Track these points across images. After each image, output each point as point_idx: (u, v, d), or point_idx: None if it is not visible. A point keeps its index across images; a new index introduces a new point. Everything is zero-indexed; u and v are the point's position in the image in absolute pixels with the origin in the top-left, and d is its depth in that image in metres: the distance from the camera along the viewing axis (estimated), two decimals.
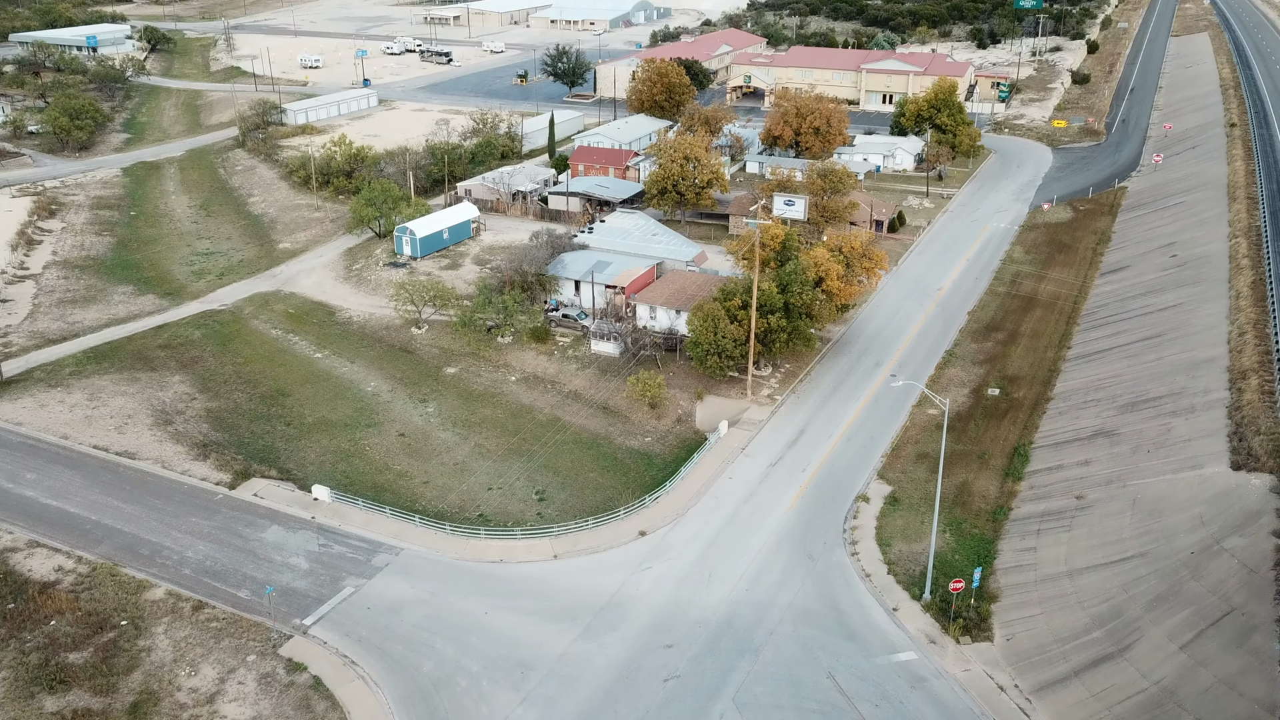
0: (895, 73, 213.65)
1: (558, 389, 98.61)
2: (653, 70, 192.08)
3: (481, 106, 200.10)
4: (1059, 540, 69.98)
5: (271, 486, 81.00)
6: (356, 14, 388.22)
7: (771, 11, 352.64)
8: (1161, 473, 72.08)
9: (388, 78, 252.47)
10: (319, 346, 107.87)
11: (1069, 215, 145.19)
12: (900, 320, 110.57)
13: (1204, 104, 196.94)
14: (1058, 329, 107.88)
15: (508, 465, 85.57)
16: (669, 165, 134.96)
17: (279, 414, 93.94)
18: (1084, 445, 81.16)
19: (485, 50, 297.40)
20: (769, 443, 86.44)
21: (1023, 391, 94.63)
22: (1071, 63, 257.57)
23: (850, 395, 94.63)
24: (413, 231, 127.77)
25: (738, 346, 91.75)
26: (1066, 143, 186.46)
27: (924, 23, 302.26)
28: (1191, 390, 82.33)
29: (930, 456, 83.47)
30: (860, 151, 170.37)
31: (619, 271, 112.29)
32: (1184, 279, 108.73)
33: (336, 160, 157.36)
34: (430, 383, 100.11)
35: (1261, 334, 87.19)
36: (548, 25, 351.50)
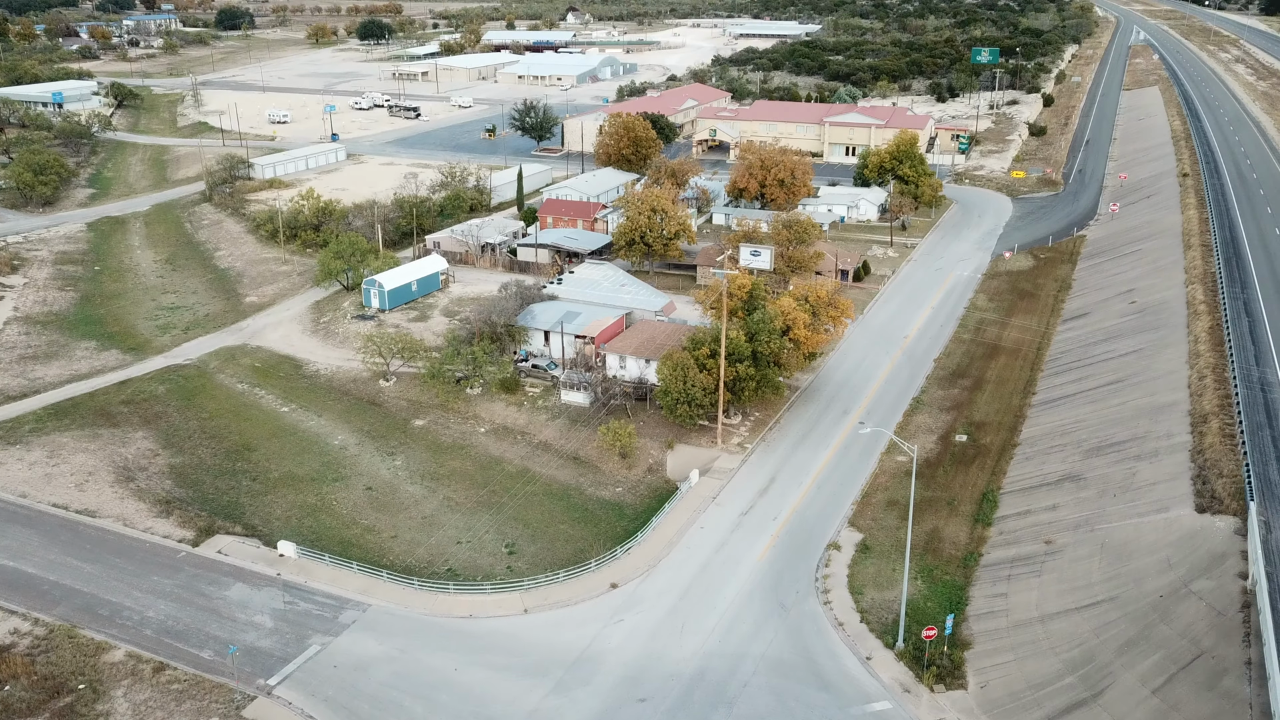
0: (857, 125, 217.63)
1: (528, 440, 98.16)
2: (619, 124, 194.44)
3: (450, 160, 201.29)
4: (1030, 585, 70.17)
5: (236, 543, 79.61)
6: (325, 70, 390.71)
7: (736, 67, 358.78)
8: (1128, 516, 72.69)
9: (356, 132, 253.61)
10: (286, 400, 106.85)
11: (1030, 263, 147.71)
12: (867, 368, 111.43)
13: (1157, 155, 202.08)
14: (1022, 375, 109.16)
15: (477, 518, 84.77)
16: (636, 217, 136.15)
17: (244, 469, 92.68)
18: (1051, 490, 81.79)
19: (453, 105, 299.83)
20: (740, 491, 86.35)
21: (990, 437, 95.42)
22: (1028, 116, 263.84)
23: (820, 442, 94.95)
24: (381, 284, 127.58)
25: (707, 395, 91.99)
26: (1026, 193, 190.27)
27: (884, 77, 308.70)
28: (1155, 434, 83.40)
29: (900, 503, 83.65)
30: (824, 202, 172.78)
31: (588, 322, 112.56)
32: (1143, 325, 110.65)
33: (304, 214, 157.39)
34: (398, 435, 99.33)
35: (1220, 378, 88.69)
36: (515, 81, 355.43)
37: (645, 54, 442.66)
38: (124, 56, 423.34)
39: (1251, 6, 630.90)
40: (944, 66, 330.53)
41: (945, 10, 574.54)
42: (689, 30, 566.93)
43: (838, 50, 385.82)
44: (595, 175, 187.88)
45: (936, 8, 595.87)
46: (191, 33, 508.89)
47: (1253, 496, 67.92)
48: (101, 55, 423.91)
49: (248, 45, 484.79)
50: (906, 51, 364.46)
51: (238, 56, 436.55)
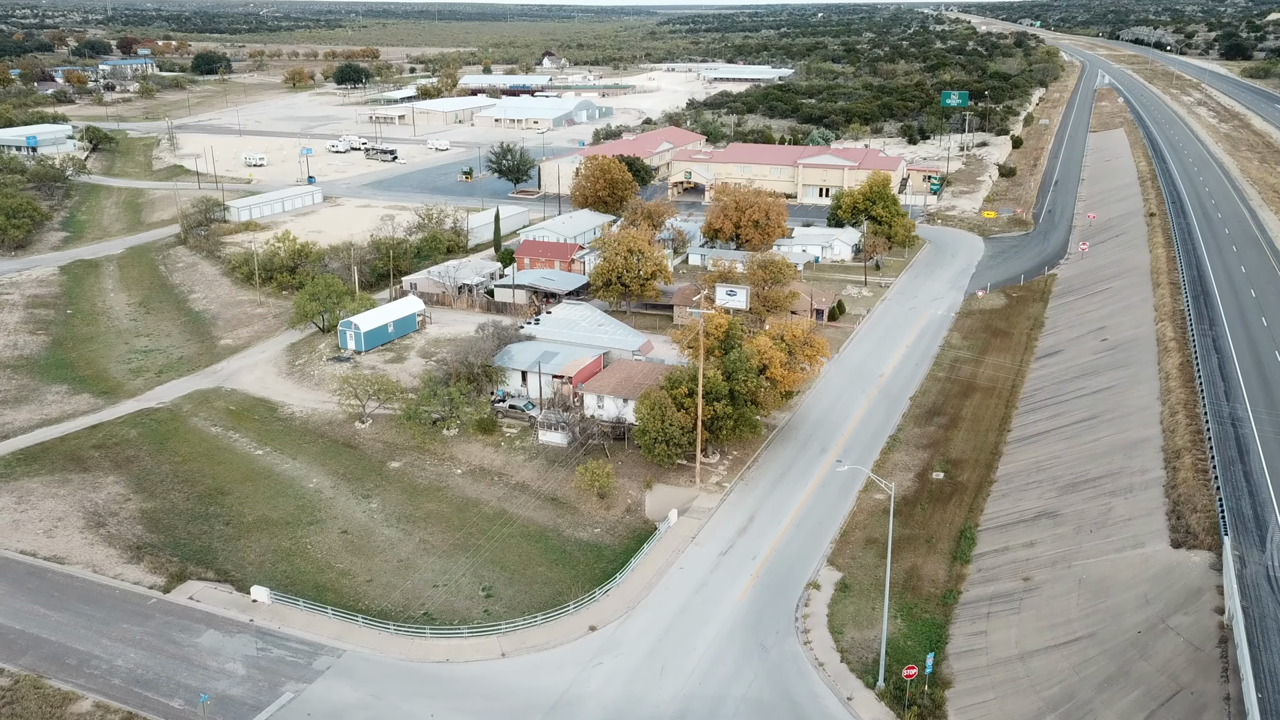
0: (831, 167, 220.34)
1: (505, 481, 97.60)
2: (596, 167, 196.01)
3: (427, 202, 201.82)
4: (1009, 623, 70.10)
5: (208, 589, 78.39)
6: (302, 113, 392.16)
7: (710, 110, 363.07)
8: (1105, 552, 72.97)
9: (333, 175, 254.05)
10: (260, 443, 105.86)
11: (1003, 302, 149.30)
12: (844, 406, 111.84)
13: (1124, 195, 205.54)
14: (997, 412, 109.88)
15: (454, 561, 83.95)
16: (613, 258, 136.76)
17: (217, 513, 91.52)
18: (1028, 526, 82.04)
19: (430, 148, 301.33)
20: (719, 530, 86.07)
21: (966, 475, 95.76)
22: (998, 157, 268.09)
23: (798, 481, 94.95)
24: (357, 326, 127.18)
25: (685, 434, 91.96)
26: (997, 232, 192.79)
27: (857, 120, 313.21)
28: (1129, 470, 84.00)
29: (879, 541, 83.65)
30: (799, 243, 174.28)
31: (566, 361, 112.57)
32: (1115, 362, 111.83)
33: (280, 256, 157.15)
34: (374, 478, 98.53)
35: (1192, 414, 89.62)
36: (492, 124, 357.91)
37: (621, 98, 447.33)
38: (99, 100, 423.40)
39: (1211, 51, 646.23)
40: (915, 109, 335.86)
41: (915, 55, 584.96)
42: (664, 74, 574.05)
43: (810, 94, 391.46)
44: (572, 217, 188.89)
45: (907, 52, 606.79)
46: (168, 77, 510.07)
47: (1226, 531, 68.41)
48: (77, 99, 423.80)
49: (224, 89, 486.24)
50: (878, 95, 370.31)
51: (214, 100, 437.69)
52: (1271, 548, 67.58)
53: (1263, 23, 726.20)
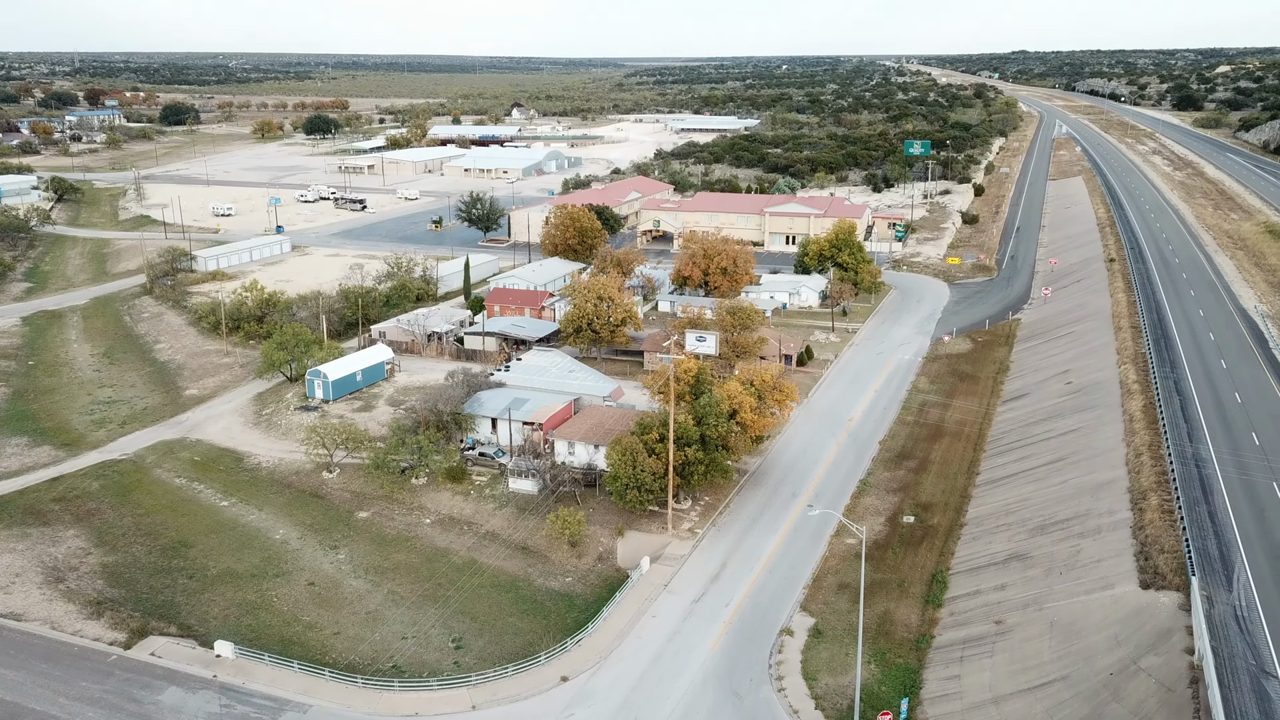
0: (797, 215, 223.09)
1: (474, 530, 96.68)
2: (565, 215, 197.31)
3: (396, 251, 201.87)
4: (982, 667, 70.00)
5: (170, 644, 76.68)
6: (270, 163, 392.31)
7: (677, 160, 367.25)
8: (1075, 594, 73.26)
9: (301, 224, 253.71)
10: (225, 494, 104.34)
11: (969, 346, 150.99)
12: (814, 451, 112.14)
13: (1084, 241, 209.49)
14: (966, 456, 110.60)
15: (423, 612, 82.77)
16: (583, 305, 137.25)
17: (181, 567, 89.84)
18: (999, 569, 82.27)
19: (400, 197, 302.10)
20: (691, 578, 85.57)
21: (937, 518, 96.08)
22: (961, 204, 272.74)
23: (770, 526, 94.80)
24: (325, 374, 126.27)
25: (656, 480, 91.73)
26: (961, 278, 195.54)
27: (822, 169, 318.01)
28: (1096, 511, 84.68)
29: (852, 586, 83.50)
30: (767, 290, 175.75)
31: (536, 408, 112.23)
32: (1080, 405, 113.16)
33: (247, 305, 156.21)
34: (342, 528, 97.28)
35: (1156, 455, 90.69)
36: (462, 173, 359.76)
37: (590, 148, 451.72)
38: (66, 151, 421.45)
39: (1164, 102, 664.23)
40: (879, 158, 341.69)
41: (878, 105, 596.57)
42: (631, 125, 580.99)
43: (776, 143, 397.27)
44: (542, 265, 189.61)
45: (870, 103, 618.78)
46: (135, 128, 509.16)
47: (1194, 572, 68.98)
48: (43, 150, 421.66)
49: (192, 140, 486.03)
50: (842, 144, 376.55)
51: (182, 151, 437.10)
52: (1238, 587, 68.19)
53: (1212, 75, 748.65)
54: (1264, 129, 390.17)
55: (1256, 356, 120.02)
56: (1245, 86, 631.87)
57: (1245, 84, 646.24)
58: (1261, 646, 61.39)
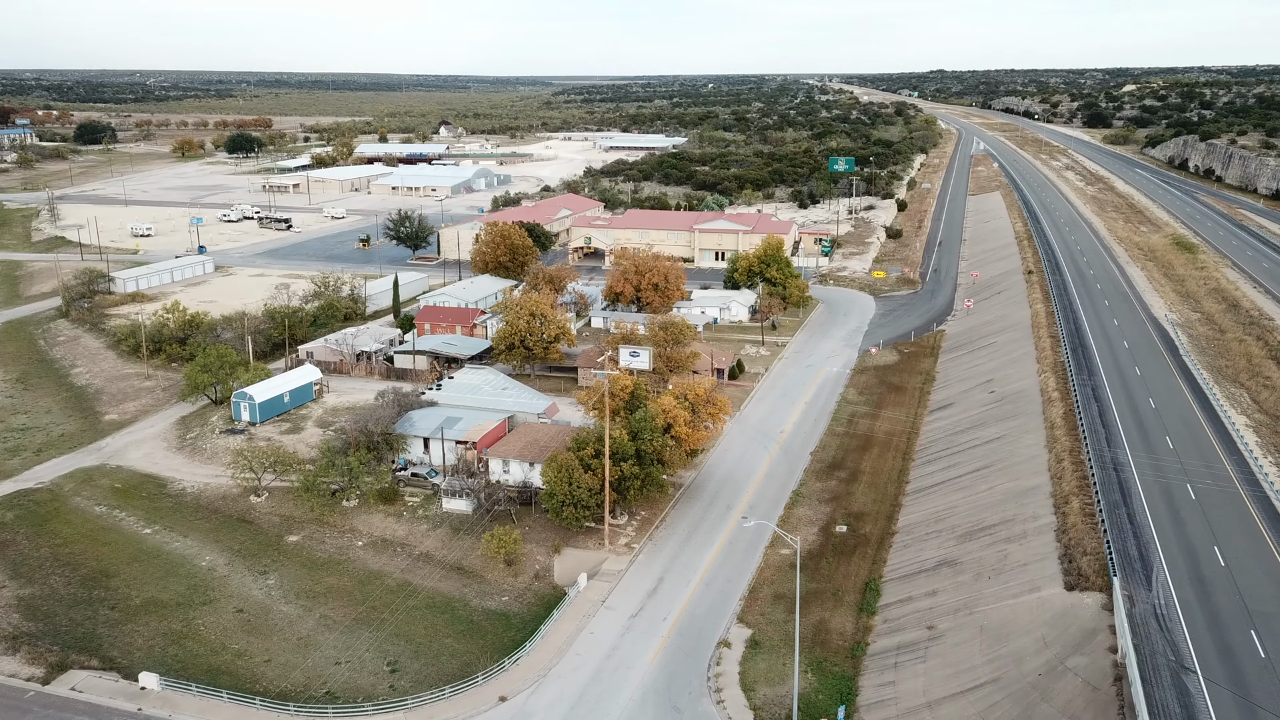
0: (726, 231, 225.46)
1: (408, 551, 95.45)
2: (496, 233, 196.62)
3: (323, 270, 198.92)
4: (916, 672, 71.20)
5: (92, 678, 74.16)
6: (192, 183, 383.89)
7: (607, 177, 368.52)
8: (1003, 598, 75.02)
9: (225, 244, 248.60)
10: (148, 522, 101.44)
11: (895, 358, 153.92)
12: (747, 463, 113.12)
13: (1003, 254, 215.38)
14: (895, 465, 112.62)
15: (356, 636, 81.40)
16: (516, 321, 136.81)
17: (102, 597, 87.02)
18: (930, 576, 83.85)
19: (326, 216, 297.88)
20: (629, 593, 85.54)
21: (869, 527, 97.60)
22: (885, 220, 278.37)
23: (705, 540, 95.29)
24: (251, 396, 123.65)
25: (593, 496, 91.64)
26: (887, 292, 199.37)
27: (749, 186, 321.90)
28: (1021, 517, 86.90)
29: (787, 597, 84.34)
30: (698, 305, 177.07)
31: (469, 426, 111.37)
32: (1003, 413, 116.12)
33: (169, 327, 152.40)
34: (271, 553, 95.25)
35: (1077, 460, 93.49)
36: (389, 192, 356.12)
37: (519, 166, 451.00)
38: None
39: (1075, 120, 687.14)
40: (804, 175, 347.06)
41: (803, 123, 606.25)
42: (560, 143, 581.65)
43: (704, 161, 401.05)
44: (473, 282, 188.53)
45: (794, 121, 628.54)
46: (48, 147, 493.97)
47: (1115, 573, 71.17)
48: None
49: (109, 159, 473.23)
50: (769, 161, 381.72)
51: (98, 170, 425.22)
52: (1157, 586, 70.53)
53: (1119, 94, 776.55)
54: (1169, 145, 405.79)
55: (1168, 363, 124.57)
56: (1150, 105, 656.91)
57: (1150, 102, 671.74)
58: (1180, 643, 63.50)
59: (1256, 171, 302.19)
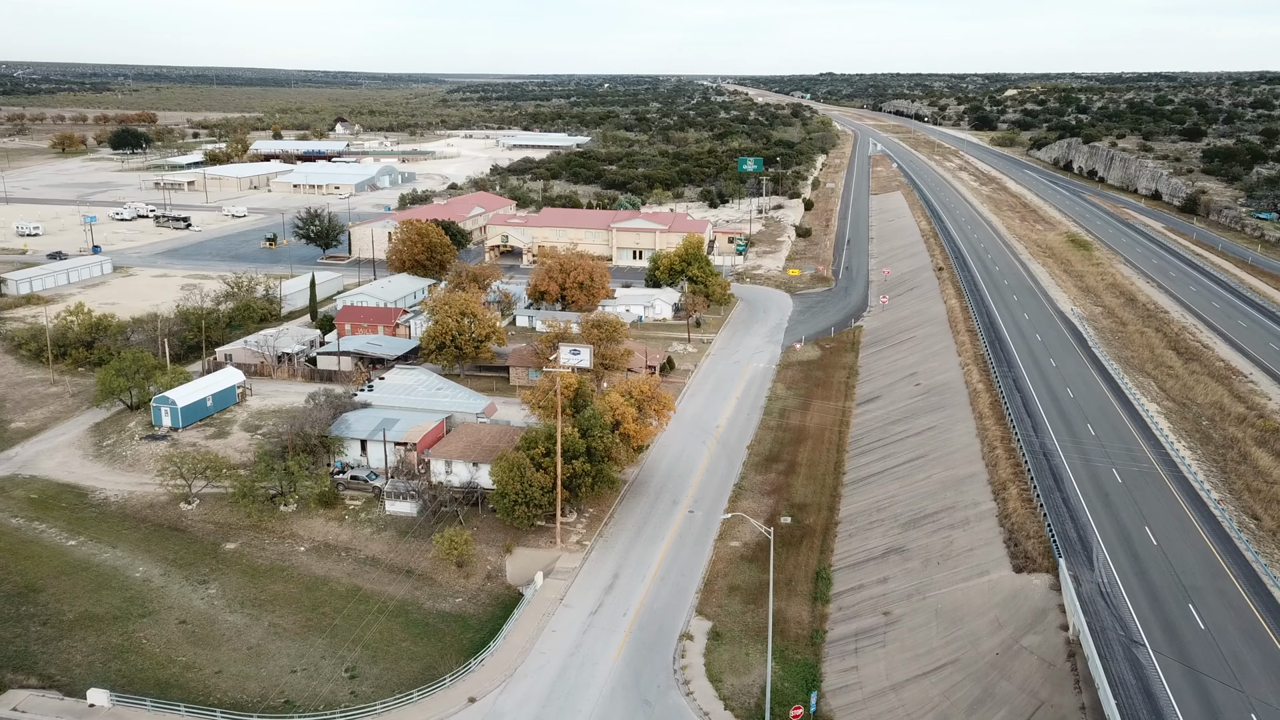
0: (643, 230, 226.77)
1: (353, 556, 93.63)
2: (413, 231, 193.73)
3: (229, 270, 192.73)
4: (877, 657, 73.34)
5: (34, 698, 70.78)
6: (77, 180, 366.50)
7: (515, 176, 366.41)
8: (954, 582, 77.82)
9: (120, 244, 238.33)
10: (72, 533, 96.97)
11: (818, 353, 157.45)
12: (688, 458, 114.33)
13: (911, 252, 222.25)
14: (830, 457, 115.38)
15: (309, 644, 79.56)
16: (445, 321, 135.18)
17: (31, 613, 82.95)
18: (879, 564, 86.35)
19: (226, 215, 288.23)
20: (586, 590, 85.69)
21: (812, 518, 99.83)
22: (794, 219, 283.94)
23: (655, 535, 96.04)
24: (173, 401, 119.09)
25: (545, 494, 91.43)
26: (802, 289, 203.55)
27: (659, 186, 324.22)
28: (962, 504, 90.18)
29: (742, 588, 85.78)
30: (622, 303, 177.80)
31: (408, 428, 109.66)
32: (931, 404, 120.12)
33: (74, 330, 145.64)
34: (209, 561, 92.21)
35: (1009, 449, 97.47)
36: (290, 190, 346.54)
37: (422, 163, 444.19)
38: None
39: (963, 122, 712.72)
40: (711, 175, 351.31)
41: (702, 124, 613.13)
42: (462, 141, 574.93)
43: (610, 160, 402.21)
44: (391, 281, 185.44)
45: (694, 121, 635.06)
46: None
47: (1060, 554, 74.62)
48: None
49: None
50: (675, 161, 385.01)
51: None
52: (1099, 567, 74.21)
53: (1002, 98, 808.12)
54: (1053, 147, 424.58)
55: (1079, 355, 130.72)
56: (1031, 109, 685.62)
57: (1031, 106, 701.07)
58: (1128, 619, 67.02)
59: (1136, 173, 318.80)
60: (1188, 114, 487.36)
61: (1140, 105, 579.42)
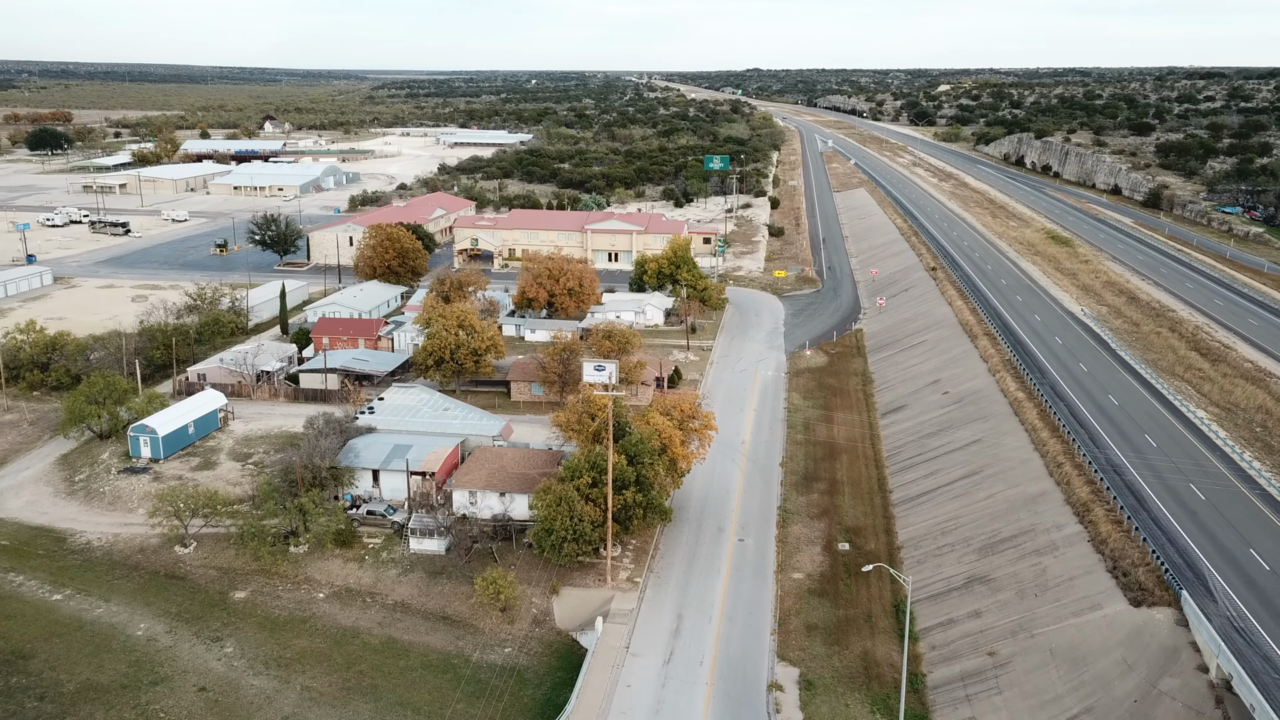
0: (619, 232, 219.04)
1: (380, 601, 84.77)
2: (383, 236, 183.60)
3: (179, 279, 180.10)
4: (994, 705, 67.29)
5: None
6: None
7: (466, 175, 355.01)
8: (1063, 617, 72.14)
9: (56, 252, 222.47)
10: (55, 585, 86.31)
11: (825, 359, 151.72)
12: (721, 478, 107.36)
13: (894, 250, 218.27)
14: (871, 473, 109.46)
15: (352, 711, 70.79)
16: (443, 334, 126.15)
17: (25, 685, 72.59)
18: (964, 595, 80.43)
19: (166, 219, 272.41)
20: (652, 636, 78.15)
21: (870, 543, 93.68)
22: (764, 218, 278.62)
23: (709, 567, 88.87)
24: (153, 430, 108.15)
25: (596, 529, 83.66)
26: (789, 291, 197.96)
27: (619, 185, 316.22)
28: (1042, 526, 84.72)
29: (821, 627, 79.26)
30: (611, 309, 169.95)
31: (423, 454, 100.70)
32: (968, 415, 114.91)
33: (26, 350, 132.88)
34: (219, 614, 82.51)
35: (1076, 464, 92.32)
36: (231, 192, 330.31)
37: (363, 162, 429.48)
38: None
39: (902, 117, 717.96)
40: (670, 173, 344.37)
41: (643, 120, 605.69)
42: (400, 139, 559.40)
43: (561, 158, 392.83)
44: (363, 289, 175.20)
45: (634, 118, 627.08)
46: None
47: (1180, 586, 69.32)
48: None
49: None
50: (630, 159, 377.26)
51: None
52: (1221, 598, 69.13)
53: (936, 93, 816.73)
54: (1003, 143, 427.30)
55: (1107, 359, 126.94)
56: (966, 104, 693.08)
57: (965, 102, 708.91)
58: (1274, 658, 61.92)
59: (1094, 168, 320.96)
60: (1118, 109, 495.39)
61: (1072, 100, 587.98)
